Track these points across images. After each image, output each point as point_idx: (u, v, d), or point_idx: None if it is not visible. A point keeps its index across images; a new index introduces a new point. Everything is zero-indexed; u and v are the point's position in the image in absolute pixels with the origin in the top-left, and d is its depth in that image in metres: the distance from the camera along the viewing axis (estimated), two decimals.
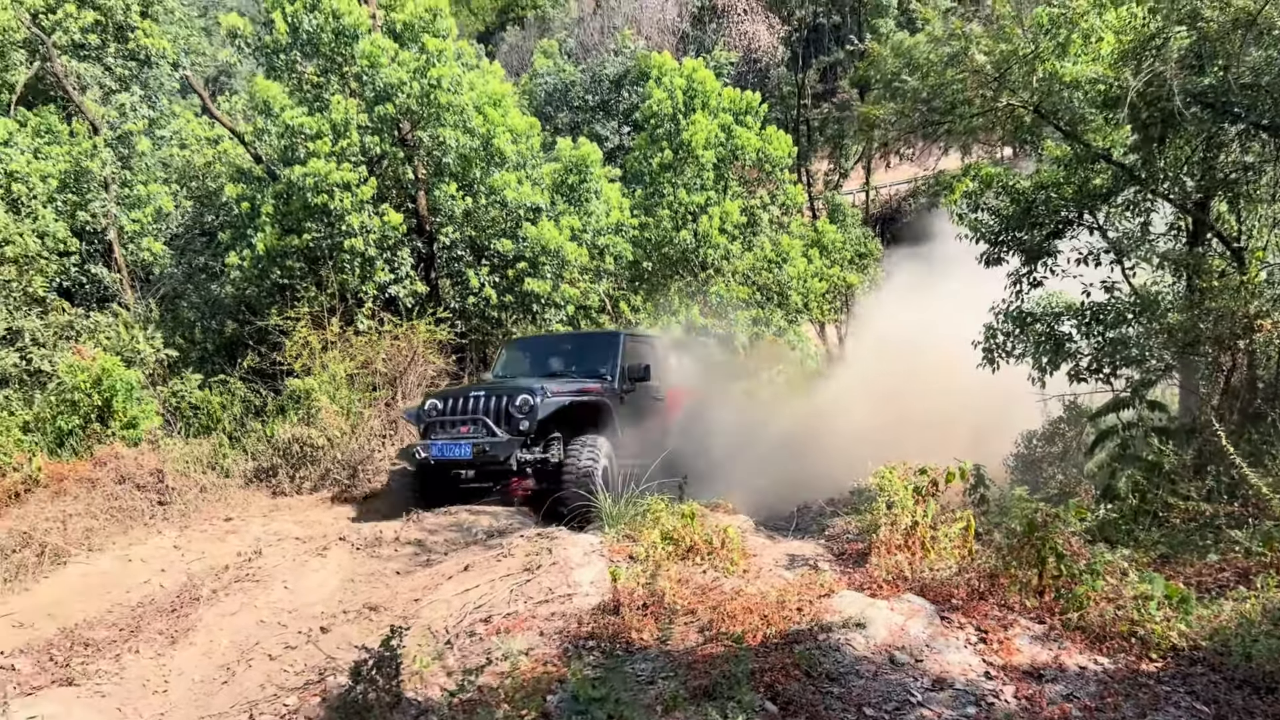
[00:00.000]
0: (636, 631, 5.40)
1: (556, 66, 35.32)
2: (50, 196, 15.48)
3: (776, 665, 4.66)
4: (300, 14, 12.84)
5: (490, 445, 9.47)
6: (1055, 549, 5.23)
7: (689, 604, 5.65)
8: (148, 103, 18.11)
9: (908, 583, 5.76)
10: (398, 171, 13.68)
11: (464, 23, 74.80)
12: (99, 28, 17.47)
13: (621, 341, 11.32)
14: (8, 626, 6.87)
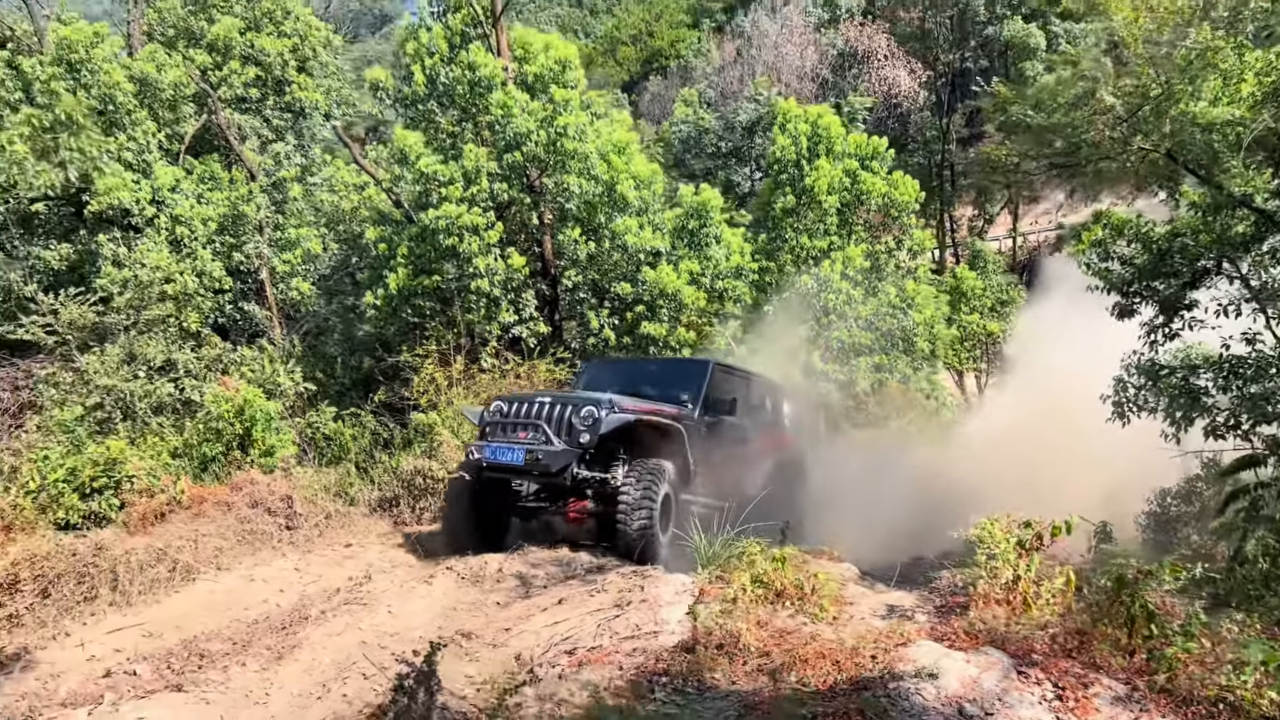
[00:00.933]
0: (709, 671, 5.42)
1: (694, 114, 35.96)
2: (209, 238, 16.68)
3: (841, 711, 4.61)
4: (437, 67, 13.57)
5: (543, 453, 8.80)
6: (1146, 607, 5.00)
7: (764, 646, 5.65)
8: (301, 151, 19.33)
9: (988, 635, 5.58)
10: (524, 216, 14.18)
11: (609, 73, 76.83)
12: (260, 82, 18.82)
13: (710, 370, 10.71)
14: (137, 635, 7.39)
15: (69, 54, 16.01)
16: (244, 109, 18.80)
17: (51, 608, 8.00)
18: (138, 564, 8.67)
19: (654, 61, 76.27)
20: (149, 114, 17.07)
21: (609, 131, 14.53)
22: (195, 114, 18.09)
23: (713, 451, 10.10)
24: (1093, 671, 5.02)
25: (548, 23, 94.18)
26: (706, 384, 10.38)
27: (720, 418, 10.40)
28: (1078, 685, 4.85)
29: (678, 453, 9.53)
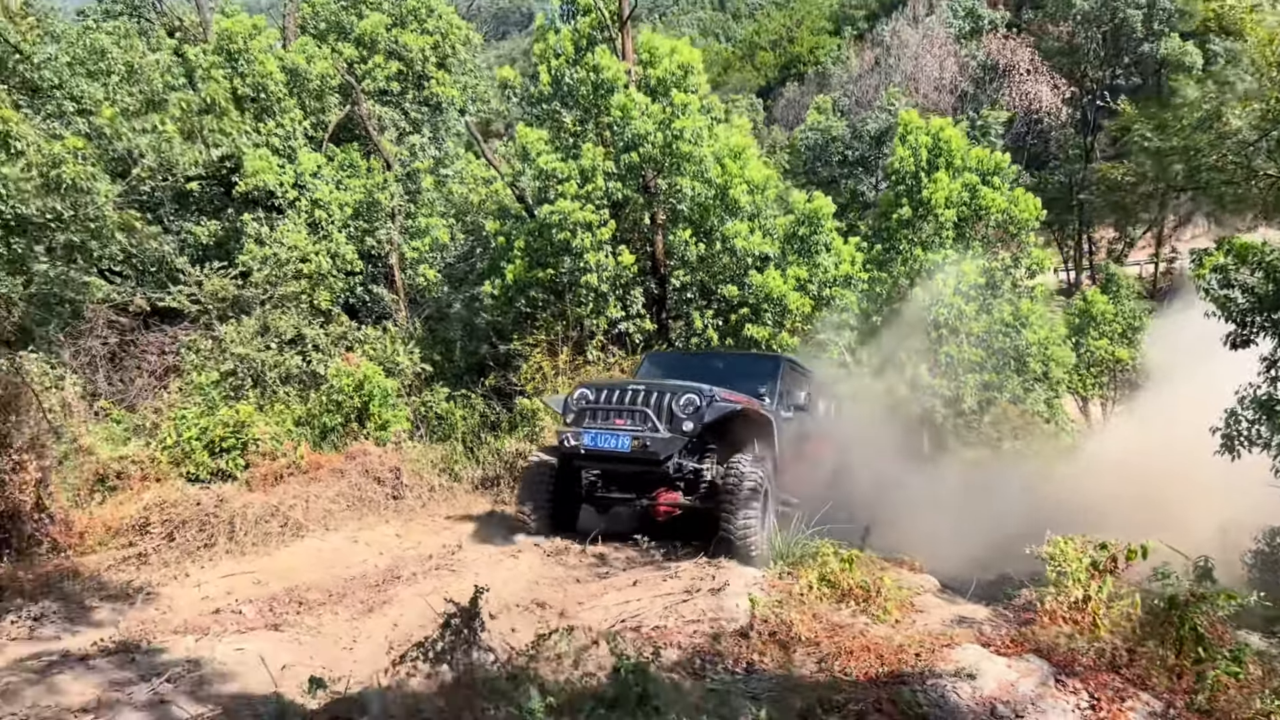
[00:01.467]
0: (760, 655, 5.66)
1: (825, 121, 35.80)
2: (345, 223, 17.65)
3: (874, 700, 4.80)
4: (563, 68, 14.11)
5: (651, 440, 8.60)
6: (1195, 630, 5.01)
7: (815, 637, 5.85)
8: (435, 144, 20.22)
9: (1033, 644, 5.65)
10: (637, 216, 14.58)
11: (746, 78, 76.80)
12: (401, 77, 19.77)
13: (782, 366, 10.57)
14: (247, 581, 8.06)
15: (229, 44, 17.19)
16: (385, 101, 19.77)
17: (175, 550, 8.79)
18: (254, 518, 9.41)
19: (792, 67, 76.02)
20: (297, 103, 18.16)
21: (726, 136, 14.79)
22: (339, 104, 19.11)
23: (788, 448, 9.99)
24: (1133, 687, 5.07)
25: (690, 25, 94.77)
26: (780, 380, 10.26)
27: (793, 414, 10.28)
28: (1115, 698, 4.91)
29: (768, 446, 9.46)
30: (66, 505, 9.59)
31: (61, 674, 5.48)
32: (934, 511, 12.24)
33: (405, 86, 20.00)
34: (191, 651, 5.81)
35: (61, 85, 13.54)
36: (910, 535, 11.44)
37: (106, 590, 7.81)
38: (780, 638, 5.93)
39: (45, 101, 13.67)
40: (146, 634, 6.27)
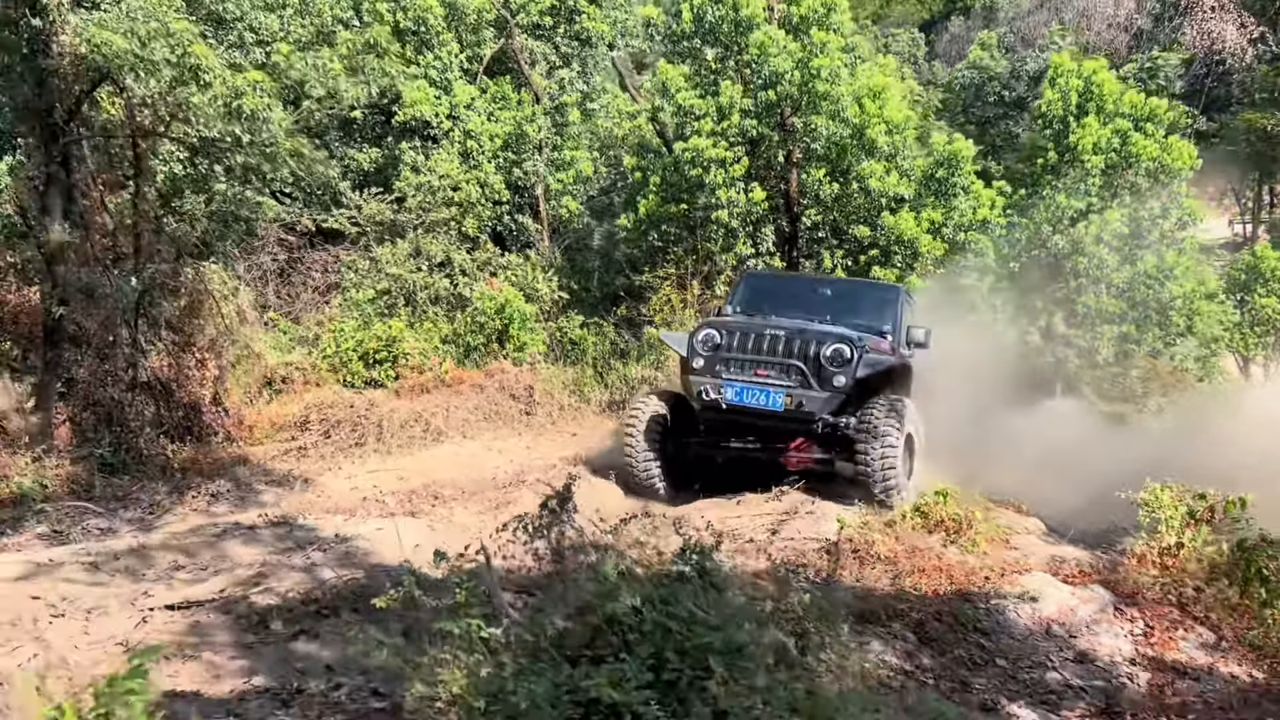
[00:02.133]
0: (841, 569, 6.13)
1: (987, 59, 34.61)
2: (494, 154, 18.48)
3: (936, 612, 5.22)
4: (705, 6, 14.38)
5: (807, 399, 7.94)
6: (1261, 572, 5.20)
7: (894, 557, 6.27)
8: (584, 78, 20.76)
9: (1100, 577, 5.93)
10: (772, 154, 14.82)
11: (909, 11, 74.35)
12: (554, 11, 20.30)
13: (901, 298, 9.71)
14: (391, 476, 9.02)
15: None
16: (537, 36, 20.37)
17: (330, 446, 9.84)
18: (399, 422, 10.39)
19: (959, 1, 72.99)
20: (454, 36, 18.98)
21: (867, 76, 14.80)
22: (494, 38, 19.83)
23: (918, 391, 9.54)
24: (1191, 620, 5.33)
25: None
26: (903, 315, 9.45)
27: (912, 352, 9.50)
28: (1170, 627, 5.19)
29: (904, 392, 8.98)
30: (239, 401, 10.79)
31: (232, 540, 6.43)
32: (1053, 460, 12.25)
33: (557, 21, 20.52)
34: (340, 529, 6.68)
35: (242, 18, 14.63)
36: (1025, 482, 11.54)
37: (271, 476, 8.90)
38: (861, 555, 6.38)
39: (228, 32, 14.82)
40: (303, 512, 7.21)
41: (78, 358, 9.32)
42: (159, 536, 6.40)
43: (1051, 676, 4.74)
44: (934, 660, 4.75)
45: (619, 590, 3.63)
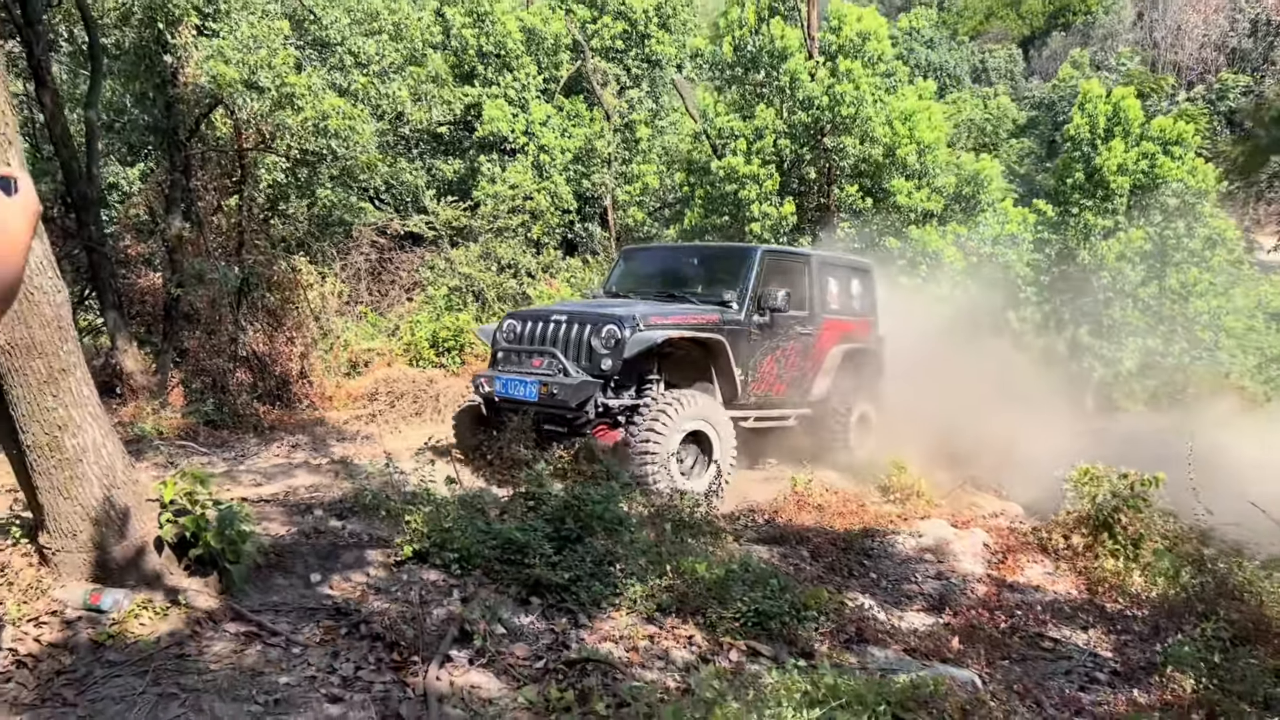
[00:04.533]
0: (781, 513, 7.53)
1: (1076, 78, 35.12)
2: (565, 166, 20.24)
3: (833, 540, 6.59)
4: (746, 37, 15.86)
5: (559, 387, 7.62)
6: (1108, 522, 6.43)
7: (830, 507, 7.63)
8: (652, 97, 22.42)
9: (985, 525, 7.20)
10: (804, 171, 16.18)
11: (1009, 26, 73.83)
12: (625, 35, 22.03)
13: (756, 260, 9.05)
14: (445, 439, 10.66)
15: (477, 7, 20.04)
16: (609, 57, 22.11)
17: (393, 414, 11.59)
18: (454, 396, 12.08)
19: (1060, 16, 72.34)
20: (532, 59, 20.83)
21: (899, 101, 16.03)
22: (570, 60, 21.63)
23: (767, 355, 9.11)
24: (1041, 555, 6.58)
25: None
26: (753, 278, 8.89)
27: (775, 315, 9.04)
28: (1022, 560, 6.47)
29: (722, 369, 8.49)
30: (322, 376, 12.65)
31: (299, 471, 8.15)
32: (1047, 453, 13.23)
33: (629, 44, 22.22)
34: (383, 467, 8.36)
35: (343, 42, 16.68)
36: (1013, 471, 12.58)
37: (341, 434, 10.68)
38: (802, 504, 7.77)
39: (329, 55, 16.88)
40: (359, 457, 8.93)
41: (190, 332, 11.29)
42: (244, 465, 8.19)
43: (908, 587, 6.06)
44: (813, 567, 6.13)
45: (543, 479, 5.18)
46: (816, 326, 9.81)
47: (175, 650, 3.49)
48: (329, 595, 4.16)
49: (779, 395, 9.42)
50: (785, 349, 9.38)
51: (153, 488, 3.93)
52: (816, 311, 9.81)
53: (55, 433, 3.52)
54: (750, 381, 8.89)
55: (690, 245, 13.09)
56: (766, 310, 8.91)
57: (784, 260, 9.73)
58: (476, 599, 4.20)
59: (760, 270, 9.02)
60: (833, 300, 10.13)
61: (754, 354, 8.94)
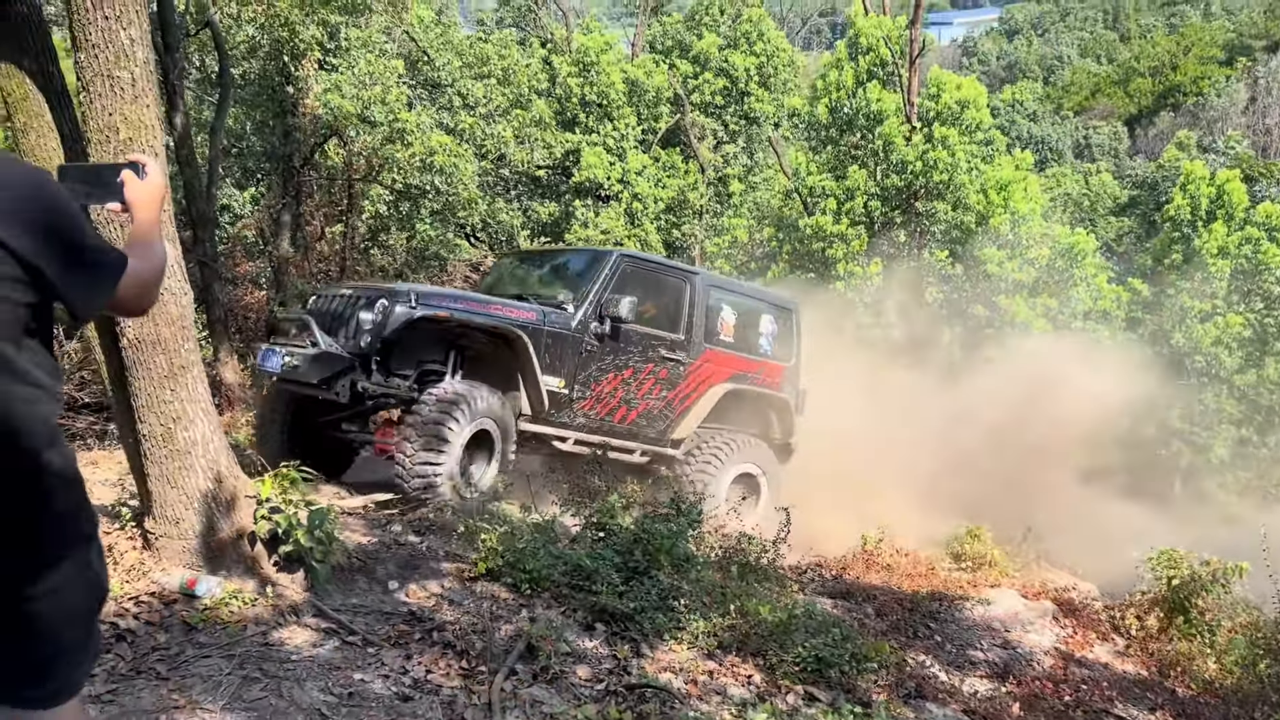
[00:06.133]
0: (850, 569, 7.53)
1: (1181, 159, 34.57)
2: (657, 215, 20.59)
3: (899, 600, 6.57)
4: (842, 100, 16.05)
5: (301, 359, 6.56)
6: (1184, 605, 6.29)
7: (899, 567, 7.60)
8: (747, 153, 22.73)
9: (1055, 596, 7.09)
10: (894, 234, 16.21)
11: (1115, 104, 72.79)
12: (725, 92, 22.42)
13: (609, 264, 7.97)
14: None
15: (583, 57, 20.65)
16: (708, 112, 22.51)
17: None
18: None
19: (1169, 97, 71.09)
20: (633, 110, 21.32)
21: (995, 170, 16.00)
22: (669, 113, 22.08)
23: (604, 370, 7.88)
24: (1114, 634, 6.46)
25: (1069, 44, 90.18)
26: (600, 284, 7.82)
27: (626, 328, 7.89)
28: (1094, 636, 6.36)
29: (525, 372, 7.25)
30: None
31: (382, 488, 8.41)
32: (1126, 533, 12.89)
33: (728, 101, 22.61)
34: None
35: (453, 84, 17.35)
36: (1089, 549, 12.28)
37: None
38: (868, 561, 7.75)
39: (440, 95, 17.55)
40: None
41: None
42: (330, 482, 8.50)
43: (972, 652, 6.01)
44: (877, 623, 6.12)
45: (615, 509, 5.32)
46: (692, 355, 8.48)
47: (260, 638, 3.69)
48: (405, 602, 4.34)
49: (623, 423, 8.09)
50: (639, 371, 8.10)
51: (251, 485, 4.17)
52: (695, 339, 8.50)
53: (170, 424, 3.79)
54: (578, 398, 7.66)
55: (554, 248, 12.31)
56: (606, 319, 7.69)
57: (653, 273, 8.51)
58: (544, 619, 4.34)
59: (612, 276, 7.86)
60: (724, 331, 8.81)
61: (587, 367, 7.71)
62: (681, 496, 5.67)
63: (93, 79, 3.42)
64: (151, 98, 3.53)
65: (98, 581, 1.83)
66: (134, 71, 3.44)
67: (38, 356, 1.63)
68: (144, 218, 1.83)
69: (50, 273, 1.58)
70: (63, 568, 1.68)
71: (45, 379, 1.64)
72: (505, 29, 24.60)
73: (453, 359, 7.17)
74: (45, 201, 1.60)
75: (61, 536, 1.68)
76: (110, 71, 3.41)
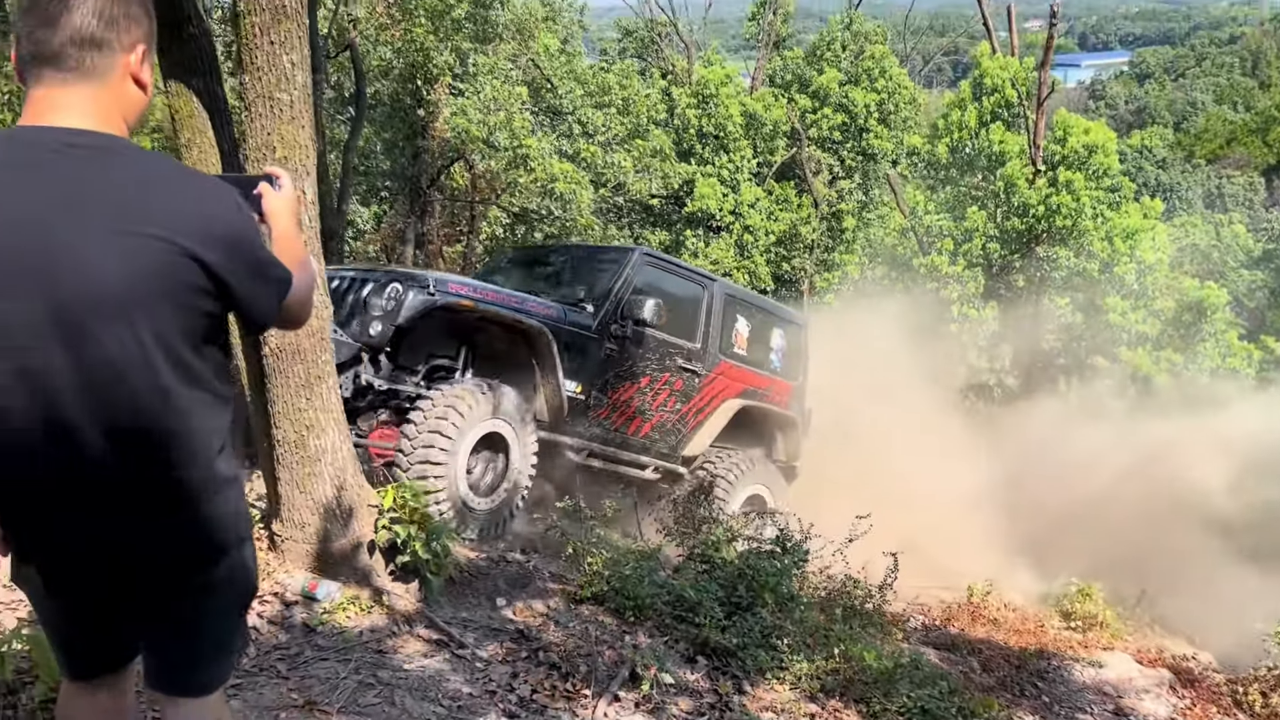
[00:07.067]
0: (955, 621, 7.36)
1: None
2: (768, 248, 20.56)
3: (1006, 655, 6.38)
4: (965, 139, 15.78)
5: None
6: None
7: (1006, 621, 7.39)
8: (863, 190, 22.51)
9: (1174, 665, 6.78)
10: (1012, 278, 15.83)
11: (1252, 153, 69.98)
12: (844, 128, 22.28)
13: (631, 261, 7.42)
14: None
15: (703, 89, 20.83)
16: (825, 148, 22.39)
17: None
18: None
19: None
20: (749, 143, 21.38)
21: (1121, 217, 15.51)
22: (786, 147, 22.06)
23: (628, 382, 7.30)
24: (1236, 711, 6.13)
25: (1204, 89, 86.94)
26: (622, 282, 7.23)
27: (643, 332, 7.27)
28: (1214, 710, 6.05)
29: (546, 370, 6.62)
30: None
31: None
32: None
33: (846, 136, 22.44)
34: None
35: (574, 112, 17.69)
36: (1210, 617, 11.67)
37: None
38: (976, 615, 7.55)
39: (561, 123, 17.92)
40: None
41: None
42: None
43: (1083, 717, 5.79)
44: (983, 678, 5.95)
45: (720, 544, 5.32)
46: (708, 366, 7.90)
47: (375, 645, 3.80)
48: (512, 619, 4.40)
49: (637, 435, 7.49)
50: (655, 380, 7.48)
51: (373, 494, 4.31)
52: (711, 349, 7.93)
53: (303, 432, 3.95)
54: (595, 406, 7.01)
55: (570, 244, 11.86)
56: (628, 321, 7.07)
57: (673, 274, 7.95)
58: (647, 647, 4.35)
59: (633, 274, 7.28)
60: (738, 343, 8.26)
61: (604, 372, 7.06)
62: (787, 534, 5.61)
63: (255, 100, 3.62)
64: (307, 119, 3.71)
65: (250, 581, 1.93)
66: (293, 94, 3.62)
67: (216, 365, 1.72)
68: (281, 228, 1.88)
69: (236, 286, 1.64)
70: (222, 566, 1.77)
71: (221, 386, 1.73)
72: (627, 59, 25.02)
73: (464, 355, 6.57)
74: (233, 216, 1.67)
75: (224, 537, 1.77)
76: (271, 93, 3.60)
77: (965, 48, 58.03)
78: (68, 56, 1.58)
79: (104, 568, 1.68)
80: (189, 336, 1.63)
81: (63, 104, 1.59)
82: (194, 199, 1.63)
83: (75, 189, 1.53)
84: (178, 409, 1.62)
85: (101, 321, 1.53)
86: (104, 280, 1.52)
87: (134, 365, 1.56)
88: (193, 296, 1.60)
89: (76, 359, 1.53)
